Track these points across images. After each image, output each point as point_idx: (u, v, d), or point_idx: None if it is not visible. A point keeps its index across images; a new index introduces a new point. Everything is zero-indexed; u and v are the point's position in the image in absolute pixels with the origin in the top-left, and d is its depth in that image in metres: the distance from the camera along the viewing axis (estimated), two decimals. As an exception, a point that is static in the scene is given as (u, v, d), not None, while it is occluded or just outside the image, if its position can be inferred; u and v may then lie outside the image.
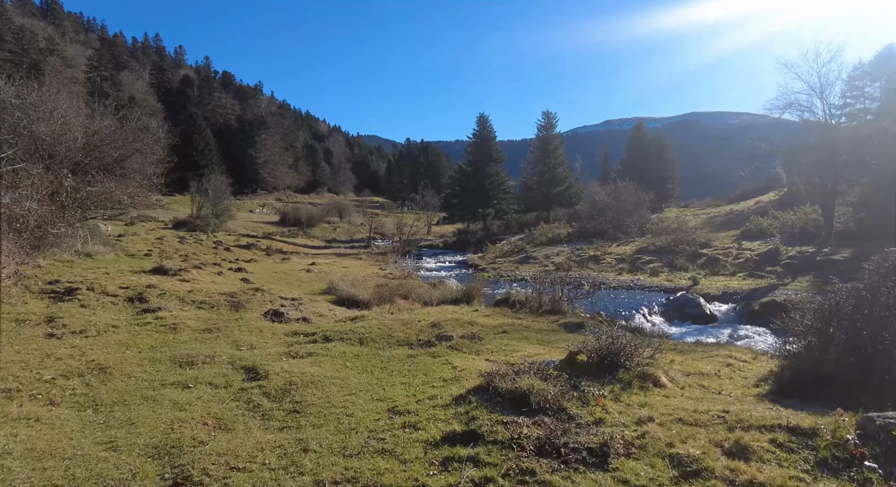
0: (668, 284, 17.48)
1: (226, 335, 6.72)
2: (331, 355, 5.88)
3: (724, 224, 32.10)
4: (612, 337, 5.01)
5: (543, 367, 4.61)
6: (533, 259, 25.13)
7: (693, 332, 12.07)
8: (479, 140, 44.57)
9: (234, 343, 6.42)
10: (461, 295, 12.56)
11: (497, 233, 41.10)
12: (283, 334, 7.09)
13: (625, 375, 4.72)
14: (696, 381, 5.26)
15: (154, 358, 5.48)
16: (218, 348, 6.07)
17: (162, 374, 5.05)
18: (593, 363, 4.81)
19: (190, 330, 6.82)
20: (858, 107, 35.08)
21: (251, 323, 7.41)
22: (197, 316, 7.83)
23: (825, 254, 18.19)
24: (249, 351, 6.03)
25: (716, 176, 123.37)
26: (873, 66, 27.37)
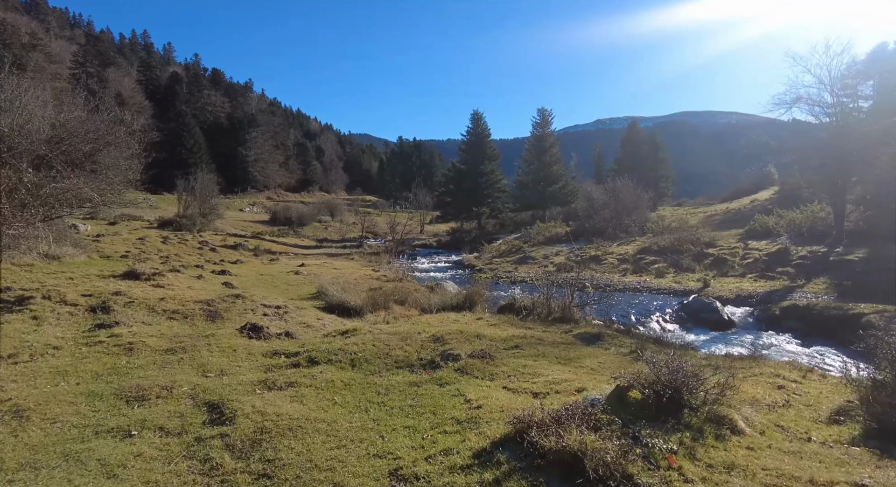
0: (677, 286, 16.52)
1: (192, 357, 5.59)
2: (316, 385, 4.78)
3: (724, 223, 31.31)
4: (669, 366, 3.95)
5: (588, 410, 3.55)
6: (531, 259, 24.11)
7: (713, 341, 11.09)
8: (474, 137, 43.48)
9: (201, 367, 5.29)
10: (462, 300, 11.49)
11: (492, 233, 40.08)
12: (262, 354, 5.98)
13: (692, 418, 3.67)
14: (769, 419, 4.23)
15: (94, 393, 4.35)
16: (179, 375, 4.95)
17: (99, 416, 3.92)
18: (649, 401, 3.76)
19: (149, 350, 5.68)
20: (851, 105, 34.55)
21: (224, 341, 6.28)
22: (161, 331, 6.69)
23: (838, 254, 17.32)
24: (217, 380, 4.92)
25: (706, 175, 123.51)
26: (866, 64, 26.64)
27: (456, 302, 11.44)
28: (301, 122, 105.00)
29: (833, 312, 11.30)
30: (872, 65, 26.01)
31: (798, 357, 9.44)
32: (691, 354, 8.01)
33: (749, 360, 7.60)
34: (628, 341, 8.48)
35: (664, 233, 24.94)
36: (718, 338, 11.26)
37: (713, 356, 8.00)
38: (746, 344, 10.74)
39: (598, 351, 7.55)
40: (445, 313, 10.62)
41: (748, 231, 23.10)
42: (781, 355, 9.72)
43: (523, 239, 30.32)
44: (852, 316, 10.88)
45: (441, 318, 9.81)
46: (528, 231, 31.96)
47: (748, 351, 10.26)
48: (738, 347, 10.50)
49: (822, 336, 10.91)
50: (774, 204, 32.88)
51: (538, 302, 11.09)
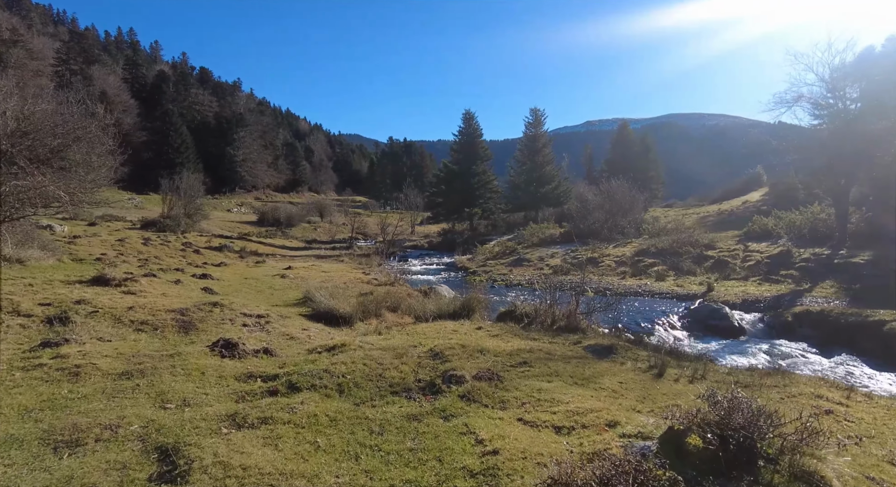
0: (680, 290, 15.85)
1: (151, 382, 4.71)
2: (295, 421, 3.93)
3: (719, 224, 30.88)
4: (732, 402, 3.16)
5: (641, 465, 2.75)
6: (526, 261, 23.37)
7: (726, 350, 10.38)
8: (465, 137, 42.70)
9: (160, 396, 4.42)
10: (459, 307, 10.67)
11: (484, 234, 39.33)
12: (234, 378, 5.11)
13: (771, 474, 2.88)
14: (852, 468, 3.45)
15: (14, 438, 3.46)
16: (131, 408, 4.08)
17: (10, 475, 3.05)
18: (715, 450, 2.97)
19: (99, 375, 4.79)
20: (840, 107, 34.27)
21: (192, 361, 5.40)
22: (119, 350, 5.78)
23: (842, 257, 16.77)
24: (177, 414, 4.05)
25: (694, 176, 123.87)
26: (853, 67, 26.33)
27: (453, 309, 10.62)
28: (290, 122, 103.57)
29: (851, 319, 10.66)
30: (860, 68, 25.66)
31: (824, 370, 8.75)
32: (712, 368, 7.28)
33: (777, 376, 6.86)
34: (643, 354, 7.73)
35: (661, 235, 24.36)
36: (731, 347, 10.56)
37: (737, 370, 7.26)
38: (762, 354, 10.05)
39: (614, 366, 6.78)
40: (442, 322, 9.80)
41: (746, 232, 22.55)
42: (804, 367, 9.03)
43: (517, 240, 29.59)
44: (873, 323, 10.24)
45: (438, 328, 8.99)
46: (521, 232, 31.24)
47: (767, 362, 9.56)
48: (754, 357, 9.80)
49: (840, 344, 10.25)
50: (766, 205, 32.56)
51: (541, 309, 10.30)
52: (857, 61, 26.63)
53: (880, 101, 18.82)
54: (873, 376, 8.57)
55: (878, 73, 20.17)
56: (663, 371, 6.47)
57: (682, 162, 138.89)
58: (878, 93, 19.33)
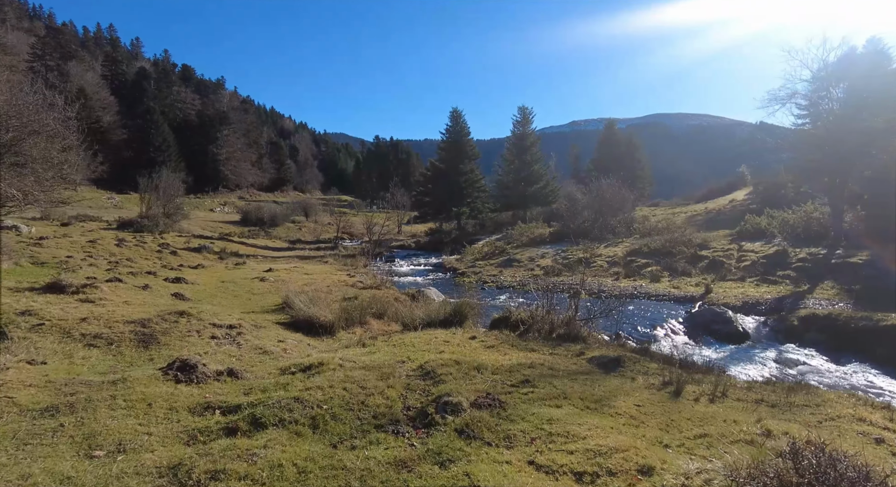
0: (677, 292, 15.25)
1: (80, 421, 3.84)
2: (254, 475, 3.10)
3: (708, 223, 30.44)
4: (819, 458, 2.41)
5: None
6: (516, 262, 22.66)
7: (733, 358, 9.74)
8: (453, 136, 41.88)
9: (88, 440, 3.56)
10: (450, 313, 9.86)
11: (472, 233, 38.59)
12: (188, 409, 4.26)
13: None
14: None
15: None
16: (44, 461, 3.21)
17: None
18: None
19: (15, 411, 3.90)
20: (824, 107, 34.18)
21: (138, 389, 4.53)
22: (52, 375, 4.88)
23: (839, 257, 16.32)
24: (104, 466, 3.20)
25: (678, 175, 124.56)
26: (837, 67, 26.15)
27: (443, 316, 9.81)
28: (275, 121, 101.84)
29: (862, 324, 10.09)
30: (843, 68, 25.44)
31: (840, 380, 8.13)
32: (729, 382, 6.59)
33: (802, 392, 6.17)
34: (653, 366, 7.03)
35: (652, 234, 23.84)
36: (738, 354, 9.92)
37: (756, 385, 6.57)
38: (771, 362, 9.42)
39: (625, 383, 6.05)
40: (432, 330, 8.99)
41: (739, 232, 22.08)
42: (818, 377, 8.41)
43: (505, 240, 28.90)
44: (885, 328, 9.68)
45: (428, 338, 8.19)
46: (509, 232, 30.55)
47: (777, 371, 8.93)
48: (764, 366, 9.16)
49: (851, 350, 9.68)
50: (753, 203, 32.28)
51: (537, 315, 9.56)
52: (840, 61, 26.46)
53: (863, 100, 18.47)
54: (894, 386, 7.97)
55: (859, 73, 19.86)
56: (681, 388, 5.75)
57: (666, 161, 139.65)
58: (860, 92, 19.00)
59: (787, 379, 8.12)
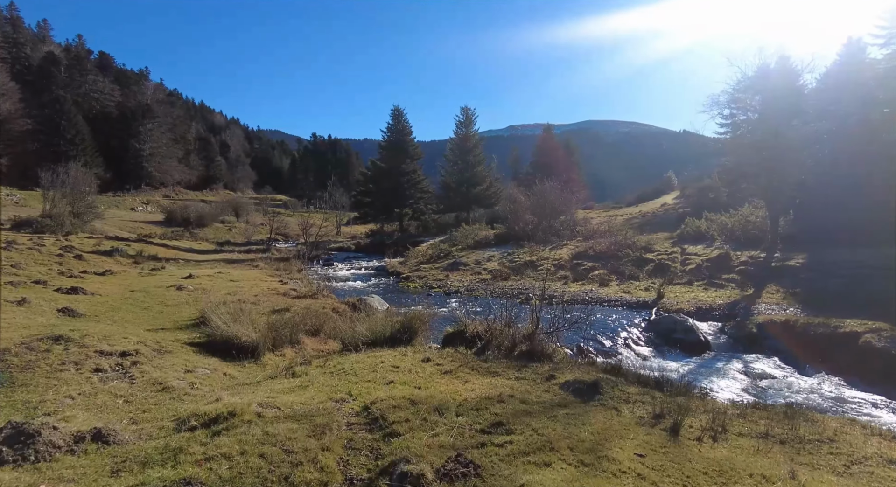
0: (628, 297, 14.73)
1: None
2: None
3: (645, 225, 30.87)
4: None
5: None
6: (463, 265, 21.63)
7: (700, 371, 9.08)
8: (394, 134, 40.40)
9: None
10: (399, 329, 8.57)
11: (415, 235, 37.34)
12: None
13: None
14: None
15: None
16: None
17: None
18: None
19: None
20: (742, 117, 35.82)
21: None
22: None
23: (778, 260, 16.48)
24: None
25: (607, 180, 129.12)
26: (755, 79, 27.28)
27: (390, 332, 8.50)
28: (204, 115, 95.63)
29: (820, 330, 9.76)
30: (760, 80, 26.47)
31: (815, 394, 7.59)
32: (718, 408, 5.77)
33: (803, 421, 5.37)
34: (633, 391, 6.14)
35: (596, 237, 23.58)
36: (704, 366, 9.29)
37: (747, 411, 5.76)
38: (739, 375, 8.84)
39: (611, 418, 5.05)
40: (378, 351, 7.67)
41: (680, 234, 22.22)
42: (790, 392, 7.85)
43: (450, 242, 27.85)
44: (844, 336, 9.37)
45: (373, 362, 6.88)
46: (453, 234, 29.56)
47: (749, 385, 8.31)
48: (734, 380, 8.54)
49: (813, 360, 9.29)
50: (682, 206, 33.27)
51: (496, 329, 8.46)
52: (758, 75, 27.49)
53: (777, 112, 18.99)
54: (866, 401, 7.52)
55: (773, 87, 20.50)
56: (678, 425, 4.79)
57: (597, 166, 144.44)
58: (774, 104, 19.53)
59: (766, 396, 7.50)
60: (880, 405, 7.38)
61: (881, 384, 8.07)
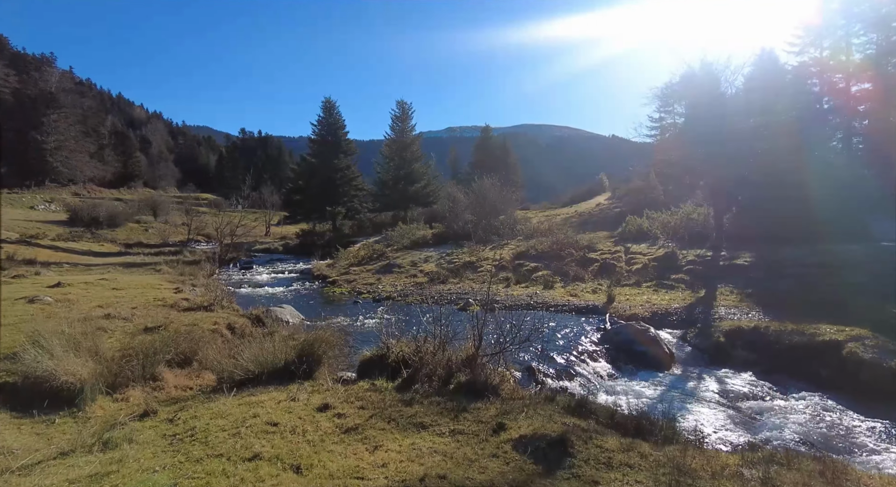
0: (576, 301, 13.15)
1: None
2: None
3: (582, 225, 30.00)
4: None
5: None
6: (397, 267, 19.44)
7: (672, 394, 7.44)
8: (326, 128, 37.43)
9: None
10: (297, 354, 6.32)
11: (349, 235, 34.67)
12: None
13: None
14: None
15: None
16: None
17: None
18: None
19: None
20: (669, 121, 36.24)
21: None
22: None
23: (726, 259, 15.56)
24: None
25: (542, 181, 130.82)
26: (680, 85, 27.27)
27: (284, 360, 6.23)
28: (122, 108, 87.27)
29: (795, 338, 8.46)
30: (684, 86, 26.37)
31: (813, 423, 6.09)
32: (722, 462, 4.05)
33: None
34: (613, 445, 4.34)
35: (537, 236, 22.16)
36: (675, 388, 7.69)
37: (759, 461, 4.07)
38: (716, 396, 7.28)
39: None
40: (260, 391, 5.42)
41: (621, 233, 21.19)
42: (784, 418, 6.33)
43: (385, 242, 25.58)
44: (824, 345, 8.08)
45: (242, 416, 4.63)
46: (390, 233, 27.30)
47: (736, 416, 6.73)
48: (718, 406, 6.94)
49: (791, 373, 7.95)
50: (616, 206, 32.91)
51: (426, 351, 6.43)
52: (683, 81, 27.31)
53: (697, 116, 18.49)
54: (874, 430, 6.12)
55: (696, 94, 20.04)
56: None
57: (533, 168, 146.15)
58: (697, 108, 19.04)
59: (761, 428, 5.93)
60: (882, 432, 6.01)
61: (875, 403, 6.77)
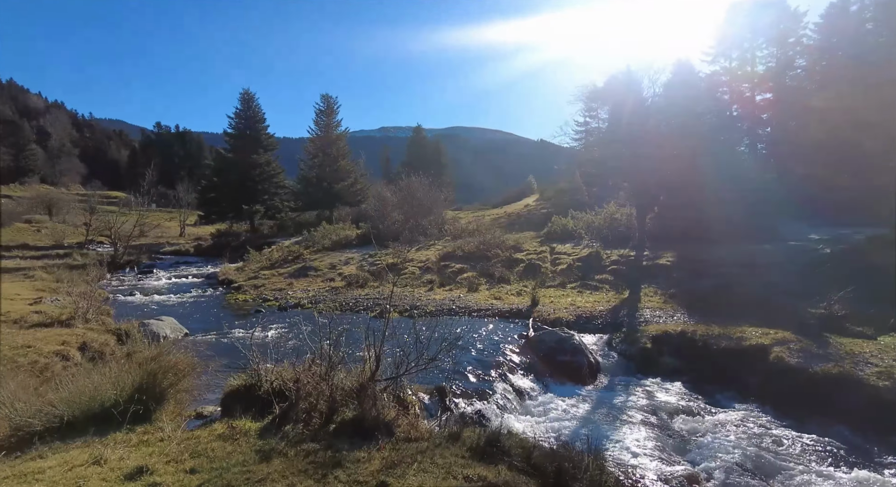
0: (501, 305, 12.22)
1: None
2: None
3: (511, 225, 29.62)
4: None
5: None
6: (313, 270, 17.76)
7: (600, 411, 6.55)
8: (244, 122, 34.61)
9: None
10: (133, 390, 4.77)
11: (269, 236, 32.19)
12: None
13: None
14: None
15: None
16: None
17: None
18: None
19: None
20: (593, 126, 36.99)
21: None
22: None
23: (648, 259, 15.32)
24: None
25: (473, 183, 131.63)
26: (604, 91, 27.76)
27: (114, 400, 4.66)
28: (14, 95, 77.73)
29: (723, 344, 7.91)
30: (607, 92, 26.80)
31: (751, 441, 5.36)
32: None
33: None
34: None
35: (465, 236, 21.27)
36: (602, 405, 6.82)
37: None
38: (647, 415, 6.46)
39: None
40: (55, 450, 3.86)
41: (547, 233, 20.75)
42: (723, 437, 5.58)
43: (305, 243, 23.68)
44: (751, 350, 7.57)
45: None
46: (311, 234, 25.39)
47: (666, 434, 5.92)
48: (644, 427, 6.10)
49: (723, 383, 7.35)
50: (545, 207, 32.98)
51: (307, 381, 5.09)
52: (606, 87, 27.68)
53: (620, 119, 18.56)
54: (808, 449, 5.51)
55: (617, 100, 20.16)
56: None
57: (465, 170, 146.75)
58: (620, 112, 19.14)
59: (698, 455, 5.13)
60: (815, 449, 5.41)
61: (805, 413, 6.24)
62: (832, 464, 5.17)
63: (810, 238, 15.17)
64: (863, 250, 12.41)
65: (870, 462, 5.24)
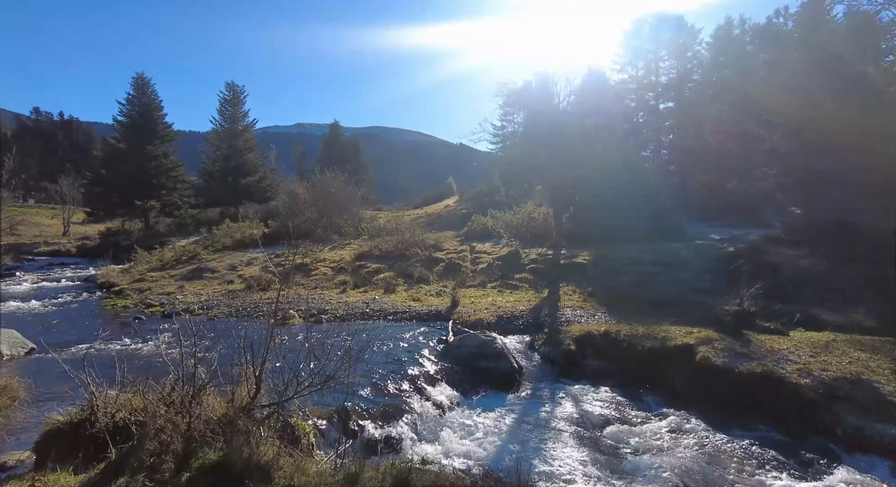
0: (419, 307, 11.29)
1: None
2: None
3: (430, 225, 28.91)
4: None
5: None
6: (210, 271, 15.74)
7: (521, 425, 5.82)
8: (137, 109, 30.79)
9: None
10: None
11: (166, 235, 28.86)
12: None
13: None
14: None
15: None
16: None
17: None
18: None
19: None
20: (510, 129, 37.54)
21: None
22: None
23: (566, 257, 15.17)
24: None
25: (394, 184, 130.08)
26: (519, 95, 28.18)
27: None
28: None
29: (648, 344, 7.54)
30: (523, 97, 27.16)
31: (679, 451, 4.86)
32: None
33: None
34: None
35: (383, 235, 20.13)
36: (526, 417, 6.10)
37: None
38: (573, 426, 5.83)
39: None
40: None
41: (467, 232, 20.22)
42: (657, 454, 5.05)
43: (204, 242, 21.26)
44: (676, 350, 7.25)
45: None
46: (212, 232, 22.91)
47: (595, 446, 5.29)
48: (571, 440, 5.45)
49: (650, 387, 6.94)
50: (465, 208, 32.78)
51: (158, 413, 3.81)
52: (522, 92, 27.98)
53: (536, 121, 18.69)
54: (745, 454, 5.13)
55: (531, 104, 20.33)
56: None
57: (385, 171, 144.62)
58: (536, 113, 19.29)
59: (633, 471, 4.52)
60: (747, 455, 5.05)
61: (735, 416, 5.95)
62: (766, 472, 4.80)
63: (713, 237, 15.85)
64: (761, 249, 13.01)
65: (798, 466, 4.95)
